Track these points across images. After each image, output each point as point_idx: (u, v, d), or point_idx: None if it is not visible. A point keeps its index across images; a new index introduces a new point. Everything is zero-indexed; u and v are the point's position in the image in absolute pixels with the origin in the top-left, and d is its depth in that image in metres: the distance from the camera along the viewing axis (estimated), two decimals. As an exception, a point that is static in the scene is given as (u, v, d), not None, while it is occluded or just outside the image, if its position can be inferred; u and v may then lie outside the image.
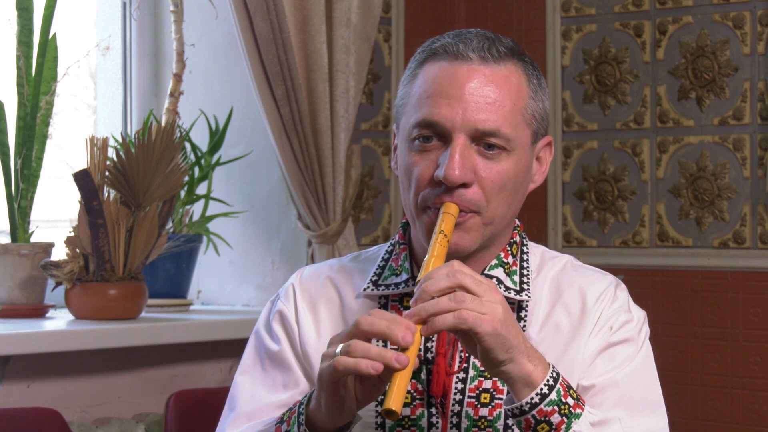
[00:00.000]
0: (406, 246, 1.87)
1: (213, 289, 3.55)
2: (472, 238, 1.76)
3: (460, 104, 1.73)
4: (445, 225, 1.71)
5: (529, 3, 3.73)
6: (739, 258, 3.40)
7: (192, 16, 3.38)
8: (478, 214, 1.75)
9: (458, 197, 1.73)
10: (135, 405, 3.03)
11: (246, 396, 1.85)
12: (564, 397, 1.64)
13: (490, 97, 1.74)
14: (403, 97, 1.81)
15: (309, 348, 1.85)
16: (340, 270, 1.91)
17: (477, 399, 1.77)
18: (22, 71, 2.93)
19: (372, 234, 3.57)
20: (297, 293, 1.89)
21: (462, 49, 1.76)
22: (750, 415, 3.37)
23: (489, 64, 1.75)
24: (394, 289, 1.83)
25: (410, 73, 1.81)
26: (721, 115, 3.43)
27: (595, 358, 1.79)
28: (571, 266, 1.88)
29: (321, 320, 1.87)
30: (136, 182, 2.91)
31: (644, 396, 1.79)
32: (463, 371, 1.78)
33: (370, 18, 3.32)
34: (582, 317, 1.81)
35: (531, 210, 3.68)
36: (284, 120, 3.18)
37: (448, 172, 1.71)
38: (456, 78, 1.74)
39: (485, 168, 1.74)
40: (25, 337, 2.76)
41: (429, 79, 1.76)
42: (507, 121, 1.74)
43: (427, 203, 1.75)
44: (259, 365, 1.88)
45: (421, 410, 1.78)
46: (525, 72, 1.79)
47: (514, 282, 1.82)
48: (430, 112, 1.74)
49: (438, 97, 1.74)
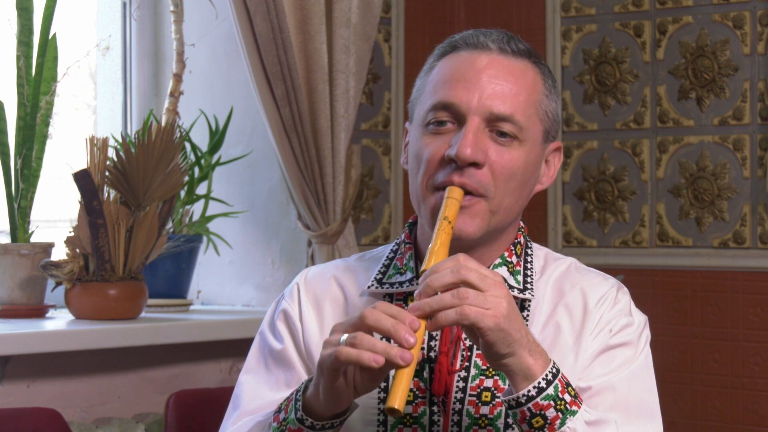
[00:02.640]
0: (411, 245, 1.87)
1: (213, 289, 3.55)
2: (477, 225, 1.76)
3: (477, 88, 1.76)
4: (449, 211, 1.72)
5: (529, 3, 3.73)
6: (739, 258, 3.40)
7: (192, 16, 3.38)
8: (485, 199, 1.76)
9: (468, 176, 1.74)
10: (135, 405, 3.03)
11: (249, 394, 1.86)
12: (561, 393, 1.64)
13: (507, 85, 1.77)
14: (419, 88, 1.84)
15: (312, 346, 1.85)
16: (345, 269, 1.92)
17: (478, 397, 1.77)
18: (22, 71, 2.93)
19: (372, 234, 3.57)
20: (301, 292, 1.90)
21: (482, 39, 1.79)
22: (750, 415, 3.37)
23: (507, 56, 1.79)
24: (399, 287, 1.84)
25: (428, 66, 1.84)
26: (721, 115, 3.43)
27: (593, 360, 1.79)
28: (575, 268, 1.88)
29: (325, 318, 1.87)
30: (136, 182, 2.91)
31: (640, 401, 1.79)
32: (465, 370, 1.78)
33: (370, 18, 3.32)
34: (583, 319, 1.82)
35: (531, 210, 3.68)
36: (284, 120, 3.18)
37: (460, 149, 1.73)
38: (475, 64, 1.77)
39: (496, 153, 1.75)
40: (25, 337, 2.76)
41: (447, 67, 1.80)
42: (521, 110, 1.77)
43: (436, 183, 1.76)
44: (263, 364, 1.88)
45: (422, 408, 1.78)
46: (541, 72, 1.82)
47: (517, 281, 1.83)
48: (446, 94, 1.77)
49: (455, 81, 1.77)
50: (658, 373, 1.85)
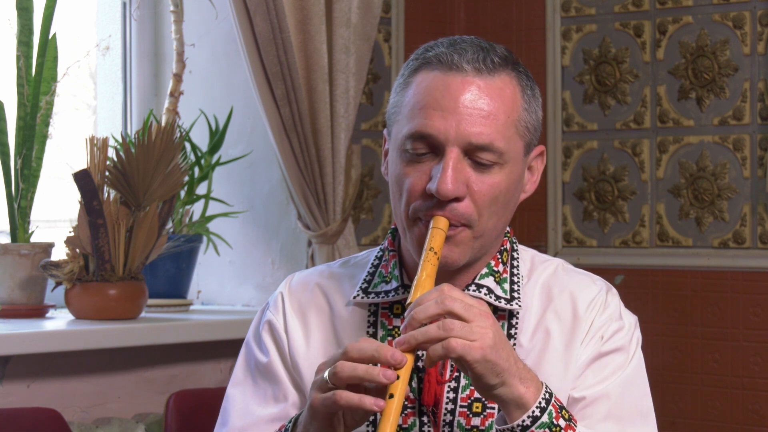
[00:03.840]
0: (395, 253, 1.85)
1: (213, 289, 3.55)
2: (461, 252, 1.74)
3: (454, 117, 1.71)
4: (435, 241, 1.69)
5: (529, 3, 3.73)
6: (739, 258, 3.40)
7: (192, 16, 3.38)
8: (468, 227, 1.73)
9: (450, 211, 1.71)
10: (135, 405, 3.03)
11: (238, 410, 1.84)
12: (556, 419, 1.63)
13: (484, 110, 1.71)
14: (395, 105, 1.78)
15: (299, 358, 1.83)
16: (330, 277, 1.89)
17: (469, 408, 1.76)
18: (22, 71, 2.93)
19: (372, 234, 3.57)
20: (286, 302, 1.88)
21: (456, 59, 1.73)
22: (750, 415, 3.37)
23: (483, 76, 1.73)
24: (384, 297, 1.82)
25: (403, 81, 1.78)
26: (721, 115, 3.43)
27: (586, 369, 1.78)
28: (562, 269, 1.86)
29: (311, 329, 1.85)
30: (136, 182, 2.91)
31: (635, 406, 1.79)
32: (455, 380, 1.77)
33: (370, 18, 3.32)
34: (573, 324, 1.80)
35: (531, 210, 3.68)
36: (284, 120, 3.18)
37: (440, 186, 1.69)
38: (450, 89, 1.72)
39: (478, 181, 1.72)
40: (25, 337, 2.76)
41: (422, 90, 1.74)
42: (500, 134, 1.72)
43: (418, 215, 1.73)
44: (250, 378, 1.87)
45: (412, 419, 1.77)
46: (519, 83, 1.77)
47: (504, 290, 1.80)
48: (423, 123, 1.72)
49: (431, 108, 1.72)
50: (659, 373, 1.85)
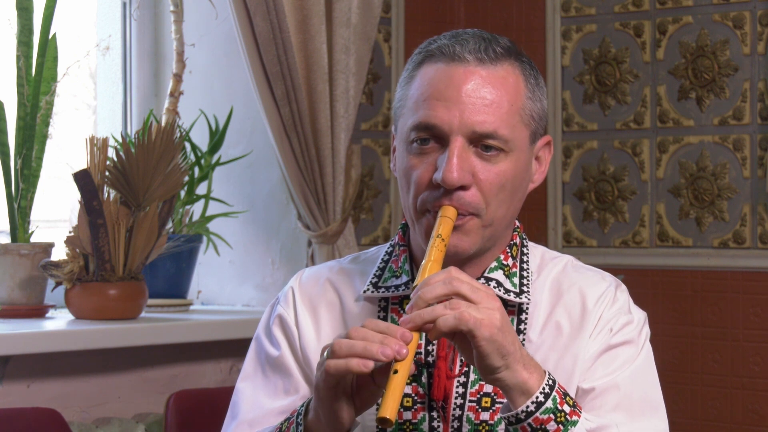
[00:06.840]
0: (405, 248, 1.86)
1: (213, 289, 3.55)
2: (471, 240, 1.75)
3: (458, 106, 1.72)
4: (443, 229, 1.71)
5: (529, 3, 3.73)
6: (739, 258, 3.40)
7: (192, 16, 3.38)
8: (477, 216, 1.74)
9: (457, 200, 1.72)
10: (135, 405, 3.03)
11: (248, 403, 1.85)
12: (560, 405, 1.63)
13: (487, 98, 1.73)
14: (401, 99, 1.81)
15: (309, 352, 1.84)
16: (340, 272, 1.90)
17: (478, 403, 1.77)
18: (22, 71, 2.94)
19: (372, 234, 3.57)
20: (296, 296, 1.89)
21: (458, 50, 1.75)
22: (750, 415, 3.37)
23: (486, 66, 1.75)
24: (394, 291, 1.83)
25: (407, 75, 1.80)
26: (721, 115, 3.43)
27: (595, 361, 1.79)
28: (572, 266, 1.87)
29: (321, 323, 1.86)
30: (136, 182, 2.91)
31: (644, 398, 1.79)
32: (464, 375, 1.78)
33: (370, 18, 3.32)
34: (582, 319, 1.81)
35: (531, 210, 3.68)
36: (284, 120, 3.18)
37: (446, 175, 1.71)
38: (453, 80, 1.74)
39: (483, 170, 1.73)
40: (25, 337, 2.76)
41: (426, 82, 1.76)
42: (504, 122, 1.74)
43: (426, 206, 1.75)
44: (260, 371, 1.87)
45: (422, 414, 1.77)
46: (522, 72, 1.78)
47: (513, 284, 1.81)
48: (427, 114, 1.73)
49: (435, 99, 1.74)
50: (659, 373, 1.85)
